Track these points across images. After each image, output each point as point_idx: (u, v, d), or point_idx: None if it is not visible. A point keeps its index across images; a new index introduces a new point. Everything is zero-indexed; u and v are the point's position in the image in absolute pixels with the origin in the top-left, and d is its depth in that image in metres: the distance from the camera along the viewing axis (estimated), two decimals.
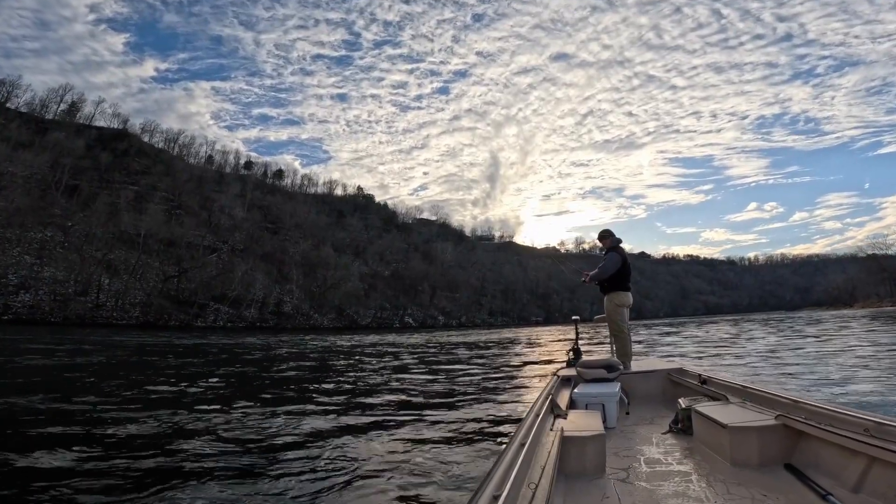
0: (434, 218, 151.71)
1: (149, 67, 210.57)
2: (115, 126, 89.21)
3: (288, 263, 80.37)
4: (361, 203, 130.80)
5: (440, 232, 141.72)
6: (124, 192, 69.65)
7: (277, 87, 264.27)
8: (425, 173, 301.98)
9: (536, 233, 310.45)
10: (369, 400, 7.76)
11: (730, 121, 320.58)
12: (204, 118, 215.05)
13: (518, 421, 4.58)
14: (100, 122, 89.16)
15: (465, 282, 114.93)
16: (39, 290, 49.55)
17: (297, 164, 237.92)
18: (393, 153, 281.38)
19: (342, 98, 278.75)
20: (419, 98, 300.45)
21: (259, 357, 17.98)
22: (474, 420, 6.26)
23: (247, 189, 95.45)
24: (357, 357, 18.31)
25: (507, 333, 47.03)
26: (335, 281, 79.97)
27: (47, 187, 61.46)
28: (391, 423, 6.09)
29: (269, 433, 5.56)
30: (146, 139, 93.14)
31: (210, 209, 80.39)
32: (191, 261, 66.41)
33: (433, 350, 22.64)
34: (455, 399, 8.00)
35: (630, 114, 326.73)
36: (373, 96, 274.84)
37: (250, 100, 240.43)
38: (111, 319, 51.40)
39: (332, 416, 6.59)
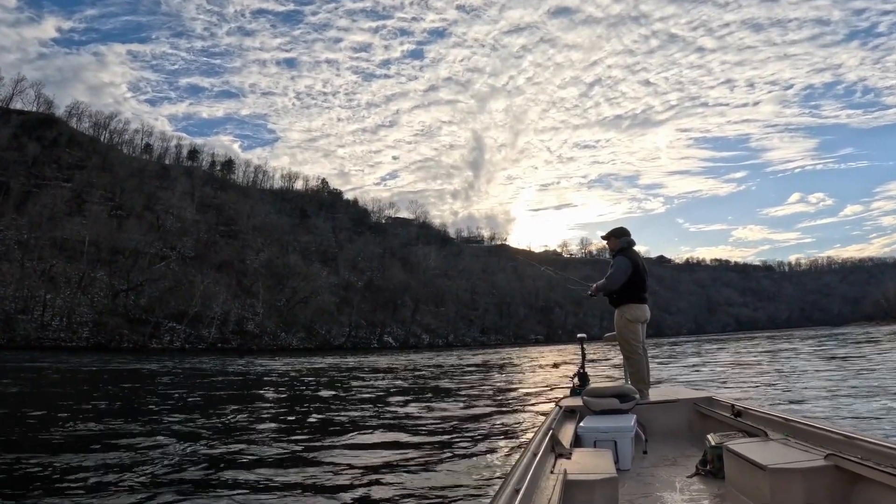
0: (412, 216, 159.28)
1: (49, 28, 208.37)
2: (37, 109, 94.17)
3: (250, 274, 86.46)
4: (327, 200, 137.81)
5: (420, 233, 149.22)
6: (59, 190, 74.85)
7: (210, 50, 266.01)
8: (395, 158, 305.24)
9: (532, 232, 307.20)
10: (332, 439, 8.16)
11: (770, 91, 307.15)
12: (119, 90, 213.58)
13: (512, 461, 4.63)
14: (18, 104, 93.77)
15: (452, 294, 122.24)
16: None
17: (236, 146, 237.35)
18: (355, 133, 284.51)
19: (290, 64, 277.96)
20: (386, 64, 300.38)
21: (205, 384, 19.48)
22: (459, 459, 6.56)
23: (195, 185, 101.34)
24: (324, 383, 19.91)
25: (501, 354, 50.15)
26: (305, 294, 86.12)
27: None
28: (356, 465, 6.37)
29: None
30: (74, 125, 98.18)
31: (156, 210, 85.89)
32: (140, 273, 72.26)
33: (414, 375, 24.09)
34: (436, 434, 8.40)
35: (647, 83, 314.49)
36: (328, 62, 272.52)
37: (176, 67, 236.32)
38: (59, 341, 57.43)
39: (285, 458, 6.96)
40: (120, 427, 9.30)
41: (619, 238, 6.31)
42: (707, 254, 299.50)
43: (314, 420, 10.59)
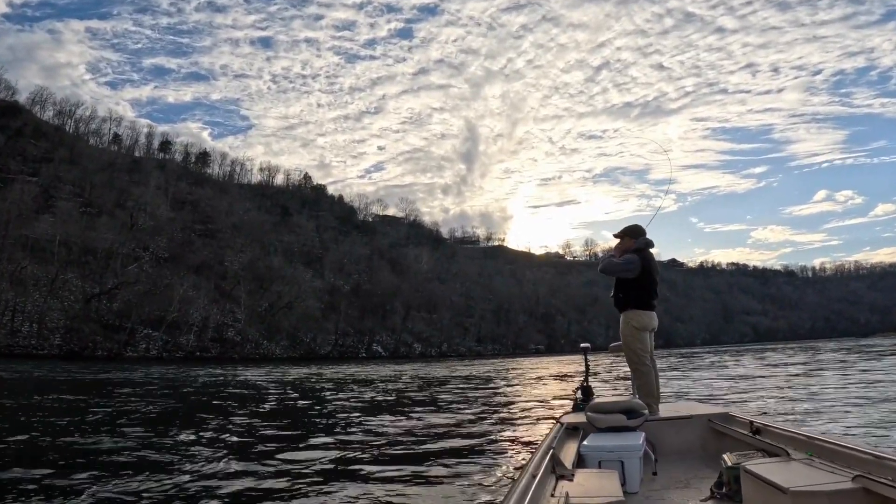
0: (401, 214, 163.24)
1: None
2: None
3: (230, 277, 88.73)
4: (310, 196, 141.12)
5: (410, 233, 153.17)
6: (26, 185, 76.79)
7: (177, 28, 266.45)
8: (380, 148, 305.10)
9: (532, 231, 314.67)
10: (308, 458, 8.21)
11: (796, 77, 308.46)
12: (77, 71, 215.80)
13: (508, 484, 4.77)
14: None
15: (446, 299, 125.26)
16: None
17: (205, 134, 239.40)
18: (336, 120, 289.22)
19: (266, 44, 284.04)
20: (371, 44, 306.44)
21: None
22: (450, 480, 6.71)
23: (168, 179, 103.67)
24: (303, 396, 20.46)
25: (498, 365, 51.15)
26: (289, 299, 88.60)
27: None
28: (336, 489, 6.45)
29: None
30: (37, 113, 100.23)
31: (128, 207, 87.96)
32: (114, 275, 74.69)
33: (403, 387, 24.69)
34: (425, 454, 8.54)
35: (660, 67, 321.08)
36: (308, 41, 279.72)
37: (140, 46, 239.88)
38: (30, 349, 59.82)
39: (253, 476, 6.99)
40: (74, 442, 9.47)
41: (635, 238, 6.22)
42: (723, 257, 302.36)
43: (290, 435, 10.70)
